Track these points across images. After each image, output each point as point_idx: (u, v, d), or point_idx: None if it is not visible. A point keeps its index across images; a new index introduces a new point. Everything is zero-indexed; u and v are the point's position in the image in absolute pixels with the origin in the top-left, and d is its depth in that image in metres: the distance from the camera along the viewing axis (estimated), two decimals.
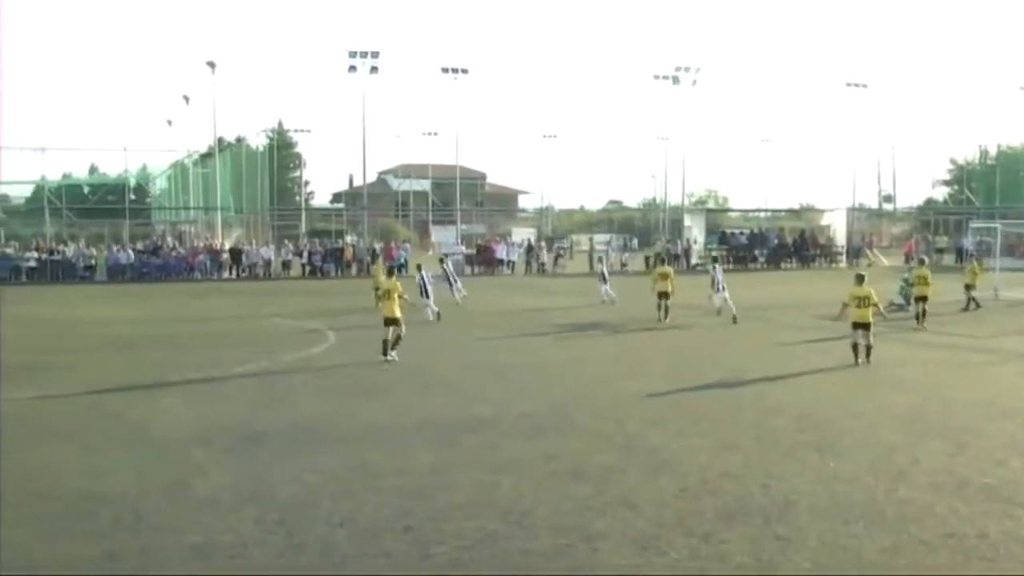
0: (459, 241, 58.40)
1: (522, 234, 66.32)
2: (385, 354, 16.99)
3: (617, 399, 13.34)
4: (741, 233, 59.18)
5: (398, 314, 17.30)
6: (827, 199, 68.18)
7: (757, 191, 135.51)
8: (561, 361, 17.42)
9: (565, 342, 20.71)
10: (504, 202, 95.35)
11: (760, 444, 10.44)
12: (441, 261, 33.52)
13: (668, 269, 25.78)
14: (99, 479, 9.08)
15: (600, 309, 28.13)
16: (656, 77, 56.95)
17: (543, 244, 57.42)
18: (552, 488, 8.77)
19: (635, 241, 60.92)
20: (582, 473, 9.27)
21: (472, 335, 21.68)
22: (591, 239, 61.56)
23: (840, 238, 56.68)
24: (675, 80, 56.44)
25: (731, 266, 56.90)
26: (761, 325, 23.22)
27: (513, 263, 52.17)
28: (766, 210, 67.01)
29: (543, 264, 51.82)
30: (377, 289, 29.27)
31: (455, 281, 29.87)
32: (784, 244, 55.71)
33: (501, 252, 52.89)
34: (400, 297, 17.48)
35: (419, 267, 25.99)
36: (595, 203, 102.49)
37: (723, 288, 24.76)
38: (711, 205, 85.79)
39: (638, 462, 9.72)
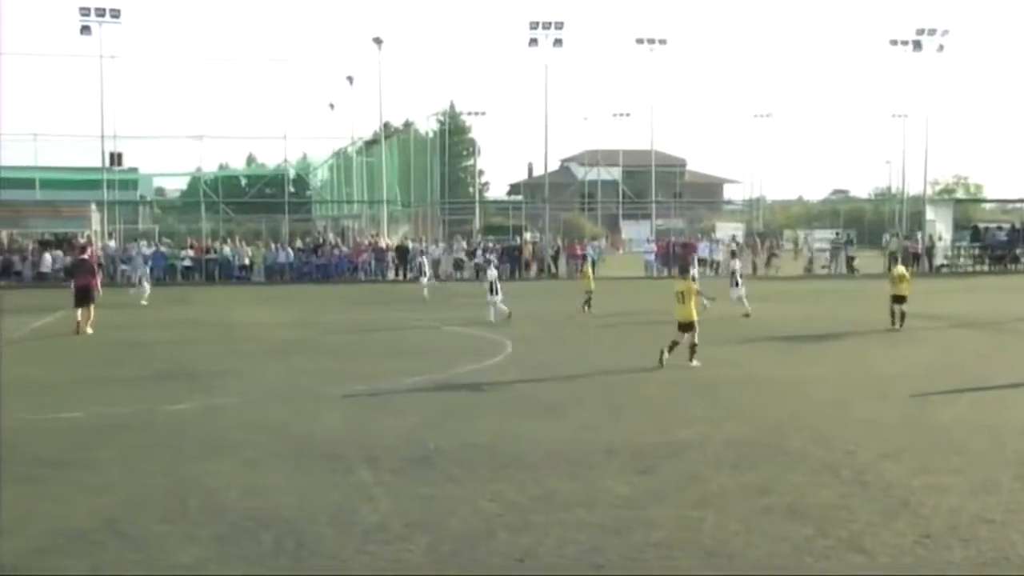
0: (653, 237, 58.14)
1: (727, 230, 65.35)
2: (691, 360, 18.05)
3: (845, 423, 12.95)
4: (999, 228, 56.26)
5: (695, 317, 18.18)
6: None
7: (1021, 178, 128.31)
8: (777, 377, 17.07)
9: (780, 354, 20.28)
10: (707, 193, 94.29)
11: None
12: (488, 263, 34.42)
13: (903, 270, 25.22)
14: (260, 498, 9.56)
15: (820, 315, 27.39)
16: (893, 43, 54.96)
17: (753, 241, 56.41)
18: (765, 527, 8.60)
19: (853, 238, 58.82)
20: (801, 511, 9.05)
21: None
22: (805, 236, 59.96)
23: None
24: (916, 46, 54.30)
25: (987, 267, 54.19)
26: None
27: (717, 263, 51.51)
28: None
29: (753, 264, 50.93)
30: (588, 293, 29.95)
31: (497, 292, 28.78)
32: None
33: (703, 250, 52.31)
34: (697, 294, 18.41)
35: (490, 262, 26.63)
36: (816, 193, 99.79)
37: (739, 284, 28.64)
38: (960, 195, 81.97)
39: (870, 500, 9.40)
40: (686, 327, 18.28)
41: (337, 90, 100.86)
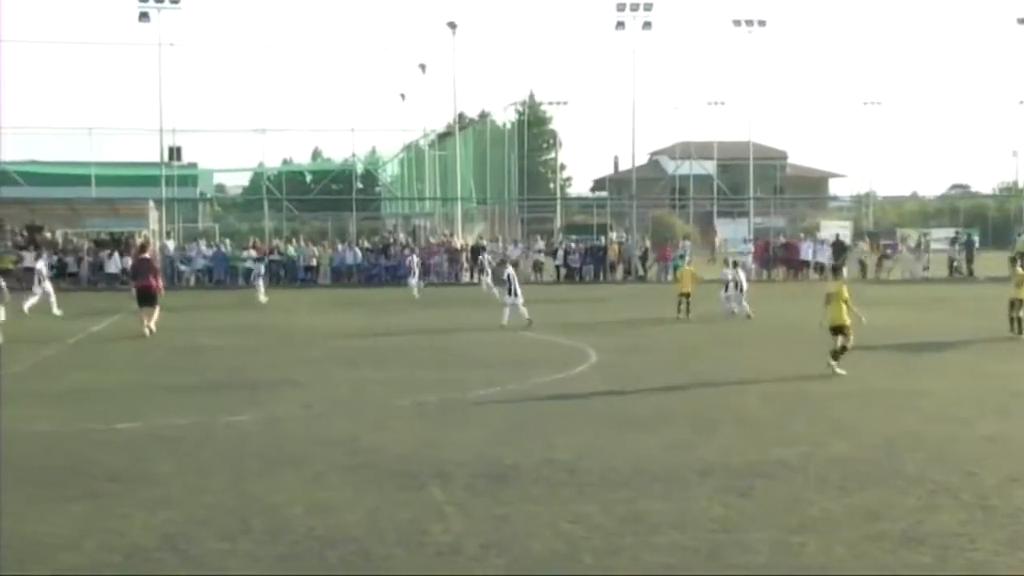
0: (751, 237, 57.64)
1: (833, 228, 64.45)
2: (834, 361, 18.21)
3: (966, 441, 12.70)
4: None
5: (847, 320, 18.38)
6: None
7: None
8: (888, 389, 16.80)
9: (892, 365, 19.97)
10: (810, 188, 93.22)
11: None
12: (503, 263, 34.60)
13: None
14: (327, 515, 9.67)
15: (936, 322, 26.92)
16: (1021, 21, 53.73)
17: (863, 241, 55.65)
18: (874, 555, 8.47)
19: (975, 238, 57.61)
20: (916, 537, 8.89)
21: (771, 354, 21.34)
22: (921, 235, 58.90)
23: None
24: None
25: None
26: None
27: (822, 265, 50.87)
28: None
29: (863, 267, 50.22)
30: (685, 296, 29.84)
31: (516, 294, 28.35)
32: None
33: (806, 251, 51.71)
34: (845, 303, 18.51)
35: (509, 263, 28.62)
36: (932, 189, 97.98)
37: (742, 290, 30.65)
38: None
39: (995, 527, 9.21)
40: (838, 330, 18.45)
41: (408, 79, 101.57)
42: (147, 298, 26.64)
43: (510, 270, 29.87)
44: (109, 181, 60.85)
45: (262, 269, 41.64)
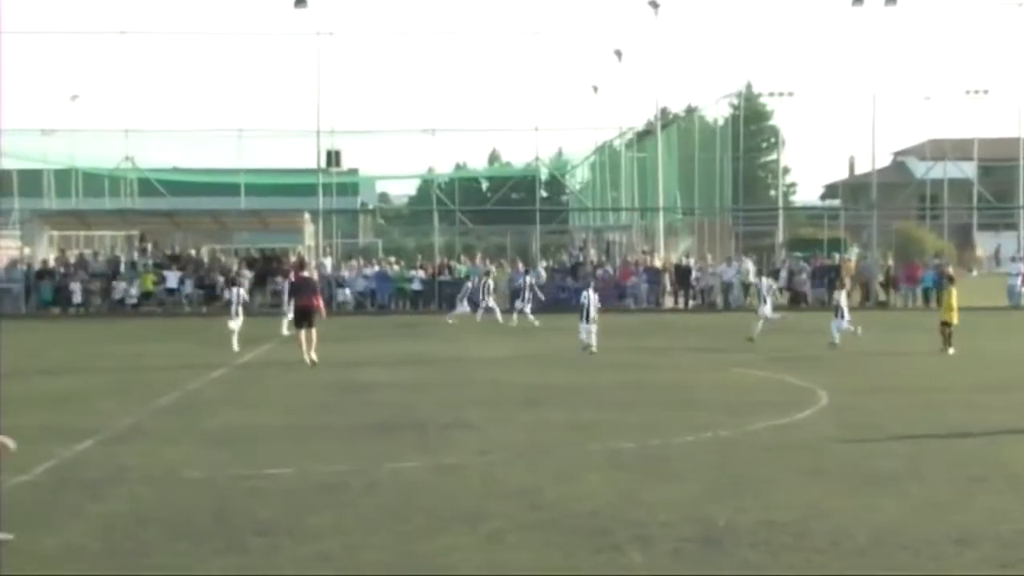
0: (1021, 254, 55.72)
1: None
2: None
3: None
4: None
5: None
6: None
7: None
8: None
9: None
10: None
11: None
12: (488, 274, 34.86)
13: None
14: None
15: None
16: None
17: None
18: None
19: None
20: None
21: None
22: None
23: None
24: None
25: None
26: None
27: None
28: None
29: None
30: (947, 326, 29.14)
31: (488, 303, 31.29)
32: None
33: None
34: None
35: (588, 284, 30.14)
36: None
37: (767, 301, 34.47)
38: None
39: None
40: None
41: (602, 68, 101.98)
42: (307, 318, 27.95)
43: (589, 295, 32.15)
44: (259, 190, 62.61)
45: (468, 286, 42.97)
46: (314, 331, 27.82)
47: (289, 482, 14.05)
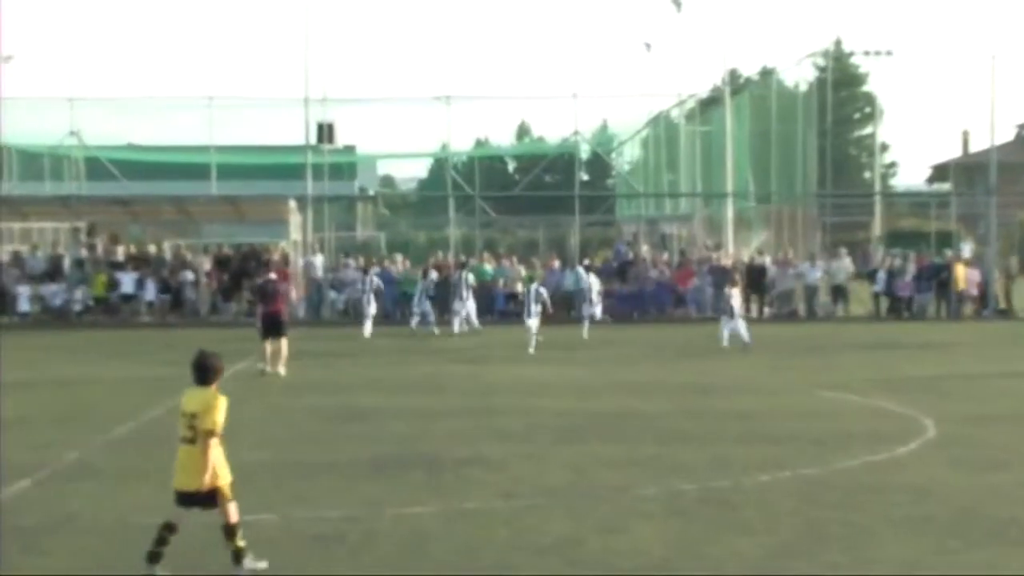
0: None
1: None
2: None
3: None
4: None
5: None
6: None
7: None
8: None
9: None
10: None
11: None
12: (463, 266, 41.51)
13: None
14: None
15: None
16: None
17: None
18: None
19: None
20: None
21: None
22: None
23: None
24: None
25: None
26: None
27: None
28: None
29: None
30: None
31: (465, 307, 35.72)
32: None
33: None
34: None
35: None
36: None
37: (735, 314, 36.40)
38: None
39: None
40: None
41: (656, 22, 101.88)
42: (273, 327, 30.35)
43: (537, 288, 36.01)
44: (234, 172, 62.32)
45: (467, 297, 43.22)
46: (283, 341, 30.20)
47: (269, 531, 14.07)
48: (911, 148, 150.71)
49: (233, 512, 12.22)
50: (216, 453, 12.01)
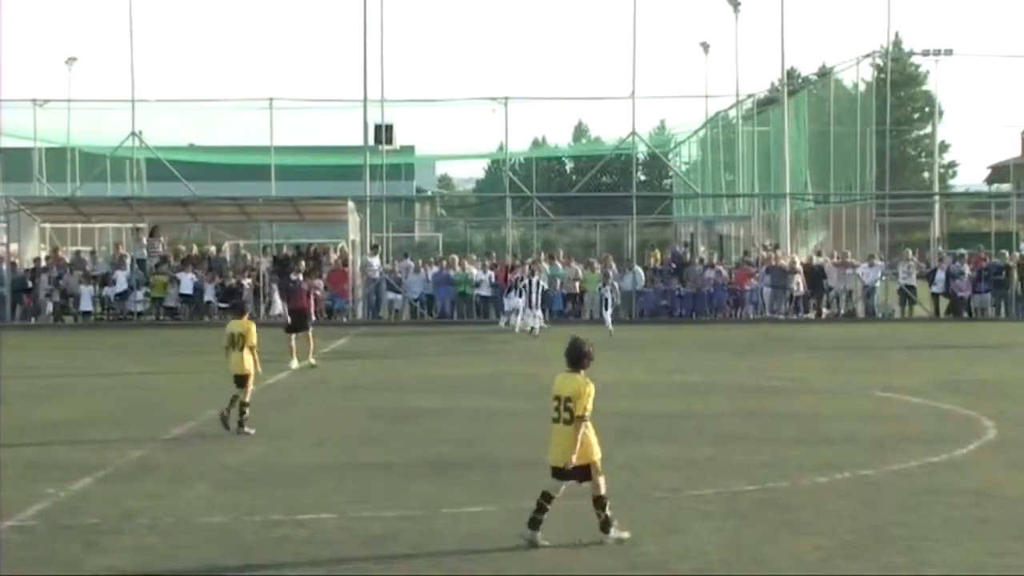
0: None
1: None
2: None
3: None
4: None
5: None
6: None
7: None
8: None
9: None
10: None
11: None
12: (532, 272, 42.43)
13: None
14: None
15: None
16: None
17: None
18: None
19: None
20: None
21: None
22: None
23: None
24: None
25: None
26: None
27: None
28: None
29: None
30: None
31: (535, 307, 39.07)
32: None
33: None
34: None
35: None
36: None
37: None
38: None
39: None
40: None
41: (714, 22, 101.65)
42: (299, 322, 32.41)
43: (542, 279, 38.27)
44: (293, 173, 62.48)
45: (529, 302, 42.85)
46: (308, 333, 32.24)
47: (328, 531, 14.15)
48: (970, 148, 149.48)
49: (602, 485, 13.62)
50: (588, 434, 13.71)
